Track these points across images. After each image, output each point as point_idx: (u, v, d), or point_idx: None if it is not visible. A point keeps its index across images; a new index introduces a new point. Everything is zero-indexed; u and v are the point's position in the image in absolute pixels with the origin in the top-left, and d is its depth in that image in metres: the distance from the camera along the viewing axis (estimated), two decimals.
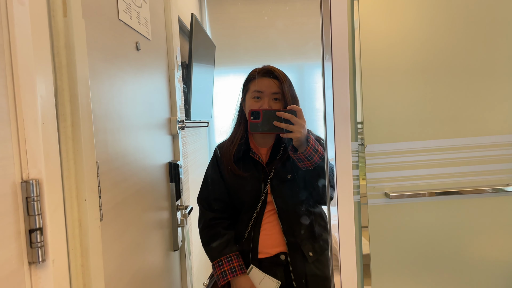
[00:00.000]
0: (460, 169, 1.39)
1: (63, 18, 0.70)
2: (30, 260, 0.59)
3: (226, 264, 1.25)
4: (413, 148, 1.39)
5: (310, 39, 3.16)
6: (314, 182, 1.19)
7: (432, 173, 1.40)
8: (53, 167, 0.63)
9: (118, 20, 0.97)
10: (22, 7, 0.59)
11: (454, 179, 1.39)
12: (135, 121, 1.06)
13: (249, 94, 1.27)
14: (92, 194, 0.74)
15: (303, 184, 1.25)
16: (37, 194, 0.59)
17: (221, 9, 3.20)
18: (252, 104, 1.23)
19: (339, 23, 0.65)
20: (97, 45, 0.85)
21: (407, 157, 1.41)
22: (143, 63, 1.16)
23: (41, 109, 0.60)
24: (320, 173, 1.16)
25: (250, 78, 1.29)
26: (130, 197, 1.01)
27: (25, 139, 0.59)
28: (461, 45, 1.34)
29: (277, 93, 1.23)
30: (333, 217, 0.75)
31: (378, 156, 1.39)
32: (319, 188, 1.21)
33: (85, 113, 0.73)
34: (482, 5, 1.30)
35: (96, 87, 0.83)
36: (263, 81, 1.24)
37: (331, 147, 0.71)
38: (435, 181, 1.40)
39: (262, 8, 3.20)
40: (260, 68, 1.28)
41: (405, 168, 1.41)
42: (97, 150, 0.81)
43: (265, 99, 1.23)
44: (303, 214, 1.28)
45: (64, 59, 0.70)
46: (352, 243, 0.72)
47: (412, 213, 1.40)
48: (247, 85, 1.29)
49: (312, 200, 1.29)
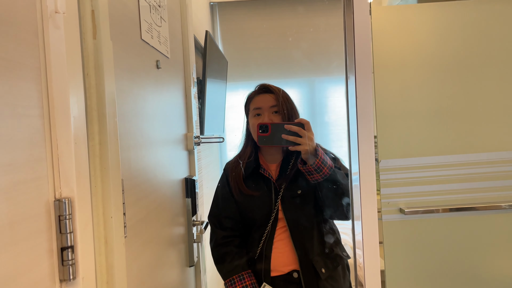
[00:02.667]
0: (475, 184, 1.38)
1: (93, 40, 0.72)
2: (62, 278, 0.60)
3: (239, 283, 1.24)
4: (427, 163, 1.39)
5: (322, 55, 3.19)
6: (325, 197, 1.19)
7: (447, 188, 1.39)
8: (84, 185, 0.64)
9: (141, 40, 1.00)
10: (58, 31, 0.61)
11: (469, 195, 1.39)
12: (154, 138, 1.08)
13: (251, 113, 1.30)
14: (117, 211, 0.75)
15: (314, 199, 1.25)
16: (69, 213, 0.60)
17: (232, 25, 3.25)
18: (255, 122, 1.26)
19: (362, 42, 0.66)
20: (122, 65, 0.88)
21: (422, 172, 1.40)
22: (162, 81, 1.19)
23: (74, 129, 0.62)
24: (330, 186, 1.16)
25: (248, 99, 1.33)
26: (151, 213, 1.02)
27: (58, 158, 0.60)
28: (474, 61, 1.35)
29: (275, 105, 1.26)
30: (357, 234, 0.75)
31: (392, 171, 1.39)
32: (330, 202, 1.21)
33: (112, 131, 0.75)
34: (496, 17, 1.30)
35: (121, 105, 0.85)
36: (260, 97, 1.28)
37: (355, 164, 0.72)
38: (450, 196, 1.39)
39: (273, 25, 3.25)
40: (256, 87, 1.32)
41: (420, 184, 1.41)
42: (121, 167, 0.82)
43: (265, 114, 1.25)
44: (315, 230, 1.28)
45: (93, 80, 0.72)
46: (376, 260, 0.72)
47: (427, 229, 1.39)
48: (247, 107, 1.33)
49: (323, 215, 1.29)
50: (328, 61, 3.11)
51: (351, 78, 0.69)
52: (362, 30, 0.67)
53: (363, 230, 0.72)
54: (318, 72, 3.24)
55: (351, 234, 0.78)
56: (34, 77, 0.57)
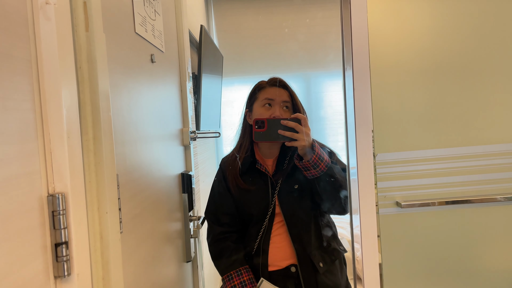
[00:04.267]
0: (471, 177, 1.38)
1: (85, 33, 0.71)
2: (56, 274, 0.59)
3: (236, 278, 1.24)
4: (423, 156, 1.39)
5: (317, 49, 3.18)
6: (322, 191, 1.19)
7: (443, 181, 1.39)
8: (78, 180, 0.63)
9: (135, 33, 0.98)
10: (49, 23, 0.59)
11: (465, 188, 1.39)
12: (150, 133, 1.07)
13: (258, 102, 1.28)
14: (113, 207, 0.74)
15: (311, 193, 1.25)
16: (63, 208, 0.59)
17: (228, 20, 3.23)
18: (263, 112, 1.24)
19: (359, 34, 0.66)
20: (116, 58, 0.86)
21: (418, 165, 1.40)
22: (157, 75, 1.17)
23: (66, 123, 0.61)
24: (327, 181, 1.16)
25: (258, 87, 1.30)
26: (147, 208, 1.01)
27: (51, 153, 0.59)
28: (471, 53, 1.34)
29: (287, 101, 1.25)
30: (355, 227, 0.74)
31: (389, 165, 1.39)
32: (327, 197, 1.21)
33: (106, 125, 0.74)
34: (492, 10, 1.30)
35: (115, 99, 0.84)
36: (274, 89, 1.26)
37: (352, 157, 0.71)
38: (446, 189, 1.39)
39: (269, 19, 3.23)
40: (269, 79, 1.30)
41: (416, 177, 1.41)
42: (116, 162, 0.81)
43: (276, 106, 1.24)
44: (312, 224, 1.28)
45: (86, 73, 0.70)
46: (374, 254, 0.72)
47: (423, 222, 1.39)
48: (254, 95, 1.31)
49: (320, 209, 1.29)
50: (325, 54, 3.10)
51: (348, 70, 0.68)
52: (359, 21, 0.66)
53: (361, 223, 0.72)
54: (314, 66, 3.23)
55: (349, 228, 0.77)
56: (25, 69, 0.56)
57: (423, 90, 1.33)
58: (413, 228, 1.37)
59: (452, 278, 1.33)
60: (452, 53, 1.33)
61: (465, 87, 1.33)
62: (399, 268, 1.34)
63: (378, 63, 1.33)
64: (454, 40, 1.33)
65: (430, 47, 1.32)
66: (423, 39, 1.32)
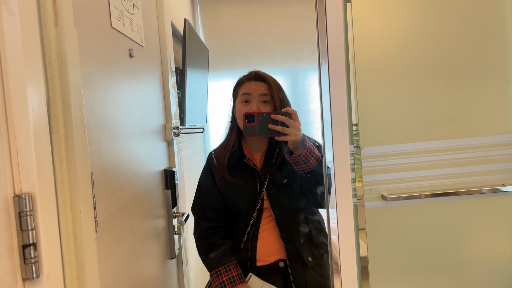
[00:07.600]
0: (456, 170, 1.39)
1: (55, 28, 0.69)
2: (24, 276, 0.57)
3: (225, 274, 1.23)
4: (408, 150, 1.39)
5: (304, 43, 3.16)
6: (311, 186, 1.18)
7: (428, 174, 1.39)
8: (47, 180, 0.62)
9: (111, 28, 0.96)
10: (12, 17, 0.57)
11: (450, 180, 1.39)
12: (129, 129, 1.05)
13: (238, 98, 1.26)
14: (86, 206, 0.73)
15: (299, 188, 1.24)
16: (30, 209, 0.57)
17: (214, 14, 3.19)
18: (241, 108, 1.22)
19: (334, 28, 0.65)
20: (90, 54, 0.84)
21: (403, 159, 1.40)
22: (137, 70, 1.15)
23: (33, 122, 0.59)
24: (316, 176, 1.15)
25: (238, 83, 1.29)
26: (126, 206, 1.00)
27: (17, 152, 0.57)
28: (454, 46, 1.34)
29: (266, 94, 1.22)
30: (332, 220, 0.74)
31: (374, 158, 1.39)
32: (315, 191, 1.20)
33: (78, 123, 0.72)
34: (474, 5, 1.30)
35: (89, 96, 0.82)
36: (251, 84, 1.24)
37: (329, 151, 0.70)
38: (432, 182, 1.39)
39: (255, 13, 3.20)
40: (248, 73, 1.28)
41: (401, 170, 1.41)
42: (91, 160, 0.79)
43: (253, 101, 1.21)
44: (301, 219, 1.27)
45: (56, 69, 0.68)
46: (352, 246, 0.71)
47: (409, 215, 1.39)
48: (236, 91, 1.29)
49: (309, 204, 1.28)
50: (301, 48, 3.09)
51: (324, 65, 0.67)
52: (334, 16, 0.65)
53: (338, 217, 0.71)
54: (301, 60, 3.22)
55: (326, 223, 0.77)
56: None
57: (408, 84, 1.33)
58: (398, 221, 1.37)
59: (438, 269, 1.34)
60: (437, 48, 1.33)
61: (449, 80, 1.33)
62: (385, 260, 1.35)
63: (363, 57, 1.33)
64: (440, 34, 1.32)
65: (415, 41, 1.32)
66: (408, 33, 1.32)
